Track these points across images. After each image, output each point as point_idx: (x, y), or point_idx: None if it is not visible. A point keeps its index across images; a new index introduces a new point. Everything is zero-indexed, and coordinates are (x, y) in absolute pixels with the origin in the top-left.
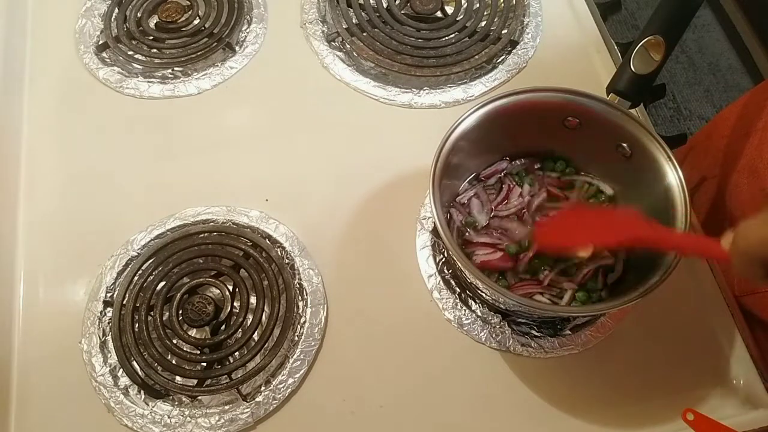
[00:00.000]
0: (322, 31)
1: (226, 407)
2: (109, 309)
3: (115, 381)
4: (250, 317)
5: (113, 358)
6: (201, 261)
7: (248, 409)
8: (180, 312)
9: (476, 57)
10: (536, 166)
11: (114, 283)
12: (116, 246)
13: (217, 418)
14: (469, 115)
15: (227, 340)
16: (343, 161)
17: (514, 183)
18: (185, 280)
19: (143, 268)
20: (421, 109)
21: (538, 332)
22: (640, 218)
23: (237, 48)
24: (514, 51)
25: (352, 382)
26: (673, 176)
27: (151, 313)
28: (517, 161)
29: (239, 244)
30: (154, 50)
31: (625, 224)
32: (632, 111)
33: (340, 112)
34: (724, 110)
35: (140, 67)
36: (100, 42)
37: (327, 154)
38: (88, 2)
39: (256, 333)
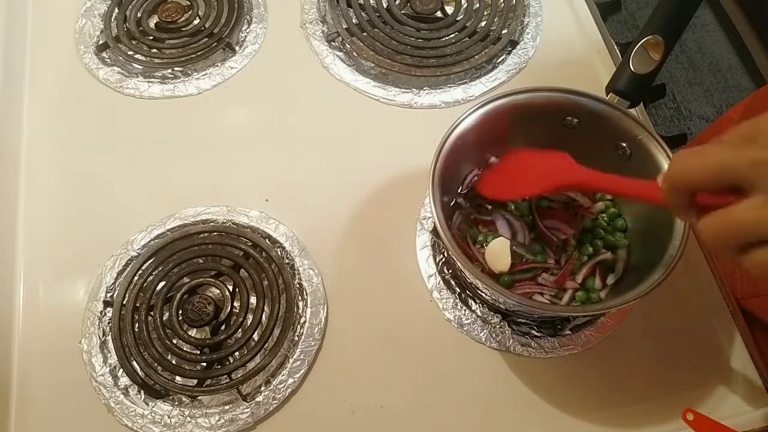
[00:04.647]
0: (322, 31)
1: (226, 407)
2: (109, 309)
3: (115, 381)
4: (250, 317)
5: (113, 358)
6: (201, 261)
7: (248, 409)
8: (180, 312)
9: (476, 57)
10: None
11: (114, 283)
12: (116, 246)
13: (217, 418)
14: (468, 115)
15: (227, 340)
16: (343, 161)
17: None
18: (185, 280)
19: (143, 268)
20: (421, 109)
21: (538, 332)
22: (573, 162)
23: (237, 48)
24: (514, 51)
25: (352, 382)
26: None
27: (151, 313)
28: None
29: (239, 244)
30: (154, 50)
31: (560, 169)
32: (632, 111)
33: (340, 113)
34: (727, 112)
35: (140, 67)
36: (100, 42)
37: (327, 154)
38: (88, 2)
39: (256, 333)
